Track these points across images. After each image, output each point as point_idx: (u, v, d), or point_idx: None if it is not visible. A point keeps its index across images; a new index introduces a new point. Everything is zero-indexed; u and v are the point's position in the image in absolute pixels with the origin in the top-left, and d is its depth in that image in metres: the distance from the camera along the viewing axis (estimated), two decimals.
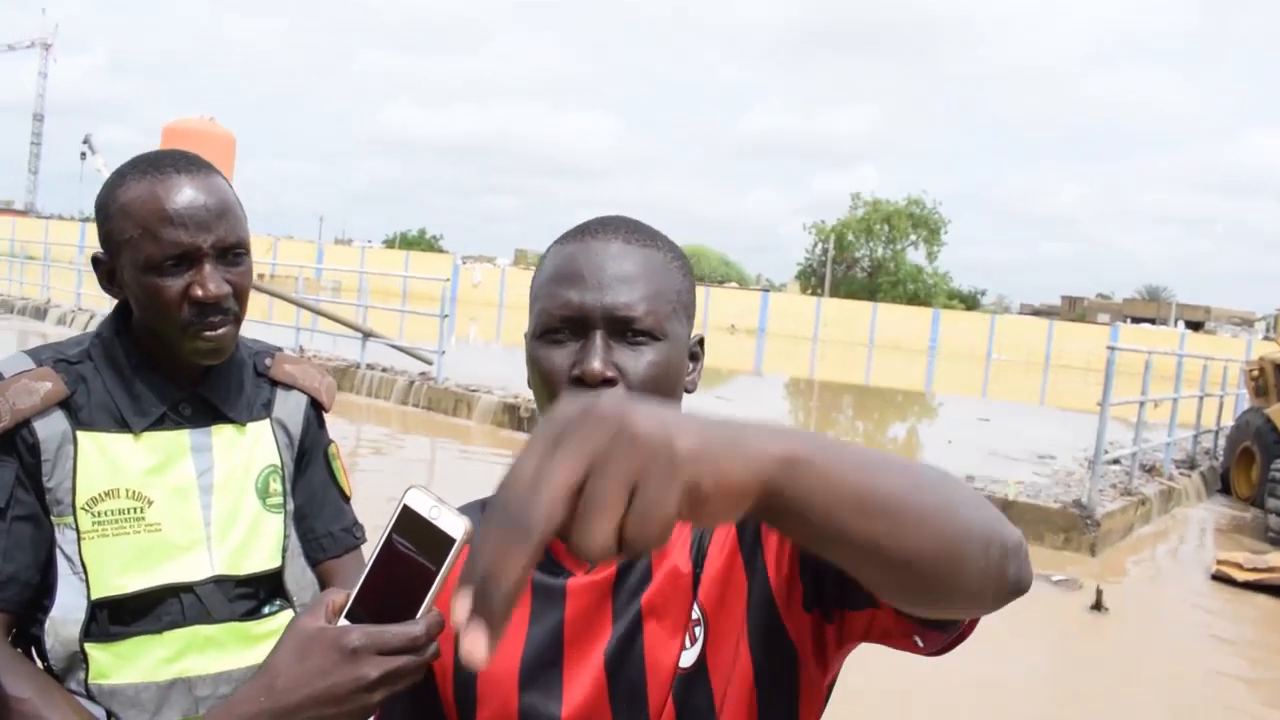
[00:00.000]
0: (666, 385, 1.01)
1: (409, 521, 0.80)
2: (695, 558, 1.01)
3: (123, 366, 1.43)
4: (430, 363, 13.51)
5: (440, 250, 79.13)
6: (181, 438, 1.44)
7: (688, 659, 0.98)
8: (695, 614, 0.99)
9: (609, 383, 0.98)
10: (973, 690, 5.08)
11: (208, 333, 1.38)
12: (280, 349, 1.63)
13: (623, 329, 0.99)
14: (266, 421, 1.53)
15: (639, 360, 0.99)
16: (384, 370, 13.67)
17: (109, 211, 1.37)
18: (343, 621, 0.82)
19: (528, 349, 1.04)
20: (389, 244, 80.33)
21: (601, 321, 0.98)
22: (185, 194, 1.35)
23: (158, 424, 1.42)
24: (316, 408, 1.61)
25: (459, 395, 12.41)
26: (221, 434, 1.47)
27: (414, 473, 9.55)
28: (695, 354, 1.09)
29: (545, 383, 1.01)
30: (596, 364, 0.97)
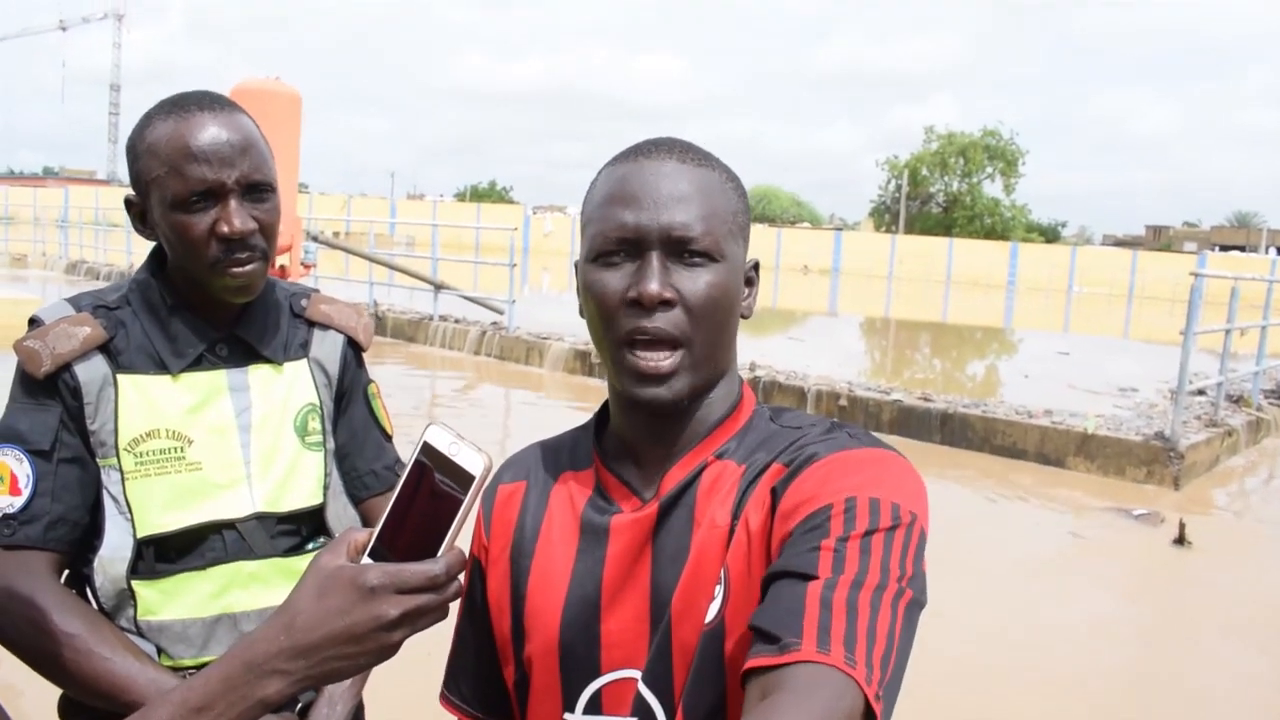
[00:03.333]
0: (724, 308, 0.99)
1: (430, 458, 0.79)
2: (734, 511, 0.96)
3: (159, 309, 1.44)
4: (501, 312, 13.62)
5: (511, 201, 79.45)
6: (219, 378, 1.45)
7: (711, 613, 0.93)
8: (722, 571, 0.94)
9: (667, 304, 0.96)
10: (1052, 625, 5.02)
11: (235, 269, 1.38)
12: (316, 290, 1.63)
13: (679, 250, 0.96)
14: (304, 361, 1.53)
15: (697, 282, 0.97)
16: (456, 321, 13.84)
17: (137, 152, 1.38)
18: (365, 560, 0.81)
19: (581, 274, 1.02)
20: (460, 197, 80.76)
21: (658, 242, 0.96)
22: (209, 131, 1.35)
23: (195, 365, 1.44)
24: (354, 347, 1.61)
25: (530, 343, 12.51)
26: (258, 373, 1.48)
27: (488, 420, 9.68)
28: (750, 279, 1.07)
29: (600, 307, 0.98)
30: (654, 285, 0.95)
